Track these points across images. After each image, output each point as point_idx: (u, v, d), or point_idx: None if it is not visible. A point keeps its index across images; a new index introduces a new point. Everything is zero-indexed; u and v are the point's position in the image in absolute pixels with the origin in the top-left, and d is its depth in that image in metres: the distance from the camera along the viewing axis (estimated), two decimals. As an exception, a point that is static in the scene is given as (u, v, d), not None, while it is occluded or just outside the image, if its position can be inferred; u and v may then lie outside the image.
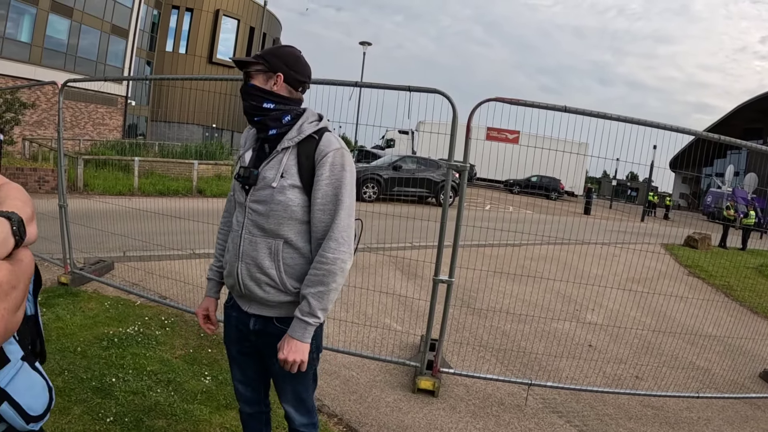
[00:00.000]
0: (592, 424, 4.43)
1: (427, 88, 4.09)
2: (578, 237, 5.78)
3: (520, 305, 6.58)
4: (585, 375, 5.31)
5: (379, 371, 4.76)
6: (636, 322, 7.22)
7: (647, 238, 9.24)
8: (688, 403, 5.11)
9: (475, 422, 4.14)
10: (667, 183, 58.76)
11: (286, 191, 2.15)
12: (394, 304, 6.43)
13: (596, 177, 47.98)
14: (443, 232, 4.40)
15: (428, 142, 17.21)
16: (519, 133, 22.16)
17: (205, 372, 4.17)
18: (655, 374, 5.62)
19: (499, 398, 4.62)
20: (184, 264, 6.92)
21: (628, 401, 4.94)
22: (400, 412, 4.10)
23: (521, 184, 20.89)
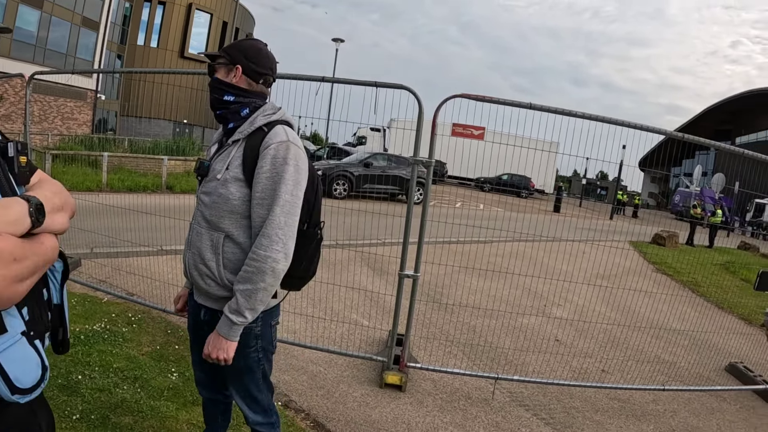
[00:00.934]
0: (559, 417, 4.48)
1: (393, 84, 4.10)
2: (548, 234, 5.85)
3: (488, 301, 6.63)
4: (552, 369, 5.37)
5: (347, 366, 4.75)
6: (602, 317, 7.31)
7: (616, 235, 9.35)
8: (654, 395, 5.21)
9: (443, 416, 4.15)
10: (636, 182, 59.79)
11: (228, 184, 2.11)
12: (362, 300, 6.43)
13: (566, 176, 48.62)
14: (408, 228, 4.42)
15: (400, 139, 17.26)
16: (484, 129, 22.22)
17: (171, 369, 4.12)
18: (621, 368, 5.71)
19: (467, 392, 4.64)
20: (152, 261, 6.84)
21: (595, 394, 5.02)
22: (368, 407, 4.10)
23: (492, 182, 21.00)
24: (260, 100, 2.24)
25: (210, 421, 2.80)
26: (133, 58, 43.75)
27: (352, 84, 4.18)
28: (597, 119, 4.47)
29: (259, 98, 2.24)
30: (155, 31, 45.97)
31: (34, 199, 1.19)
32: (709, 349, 6.58)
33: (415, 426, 3.95)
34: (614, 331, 6.73)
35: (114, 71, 37.02)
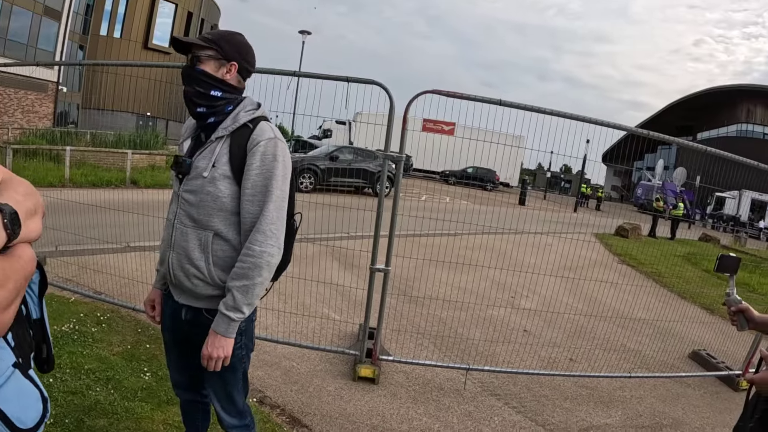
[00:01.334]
0: (530, 405, 4.60)
1: (365, 79, 4.12)
2: (513, 227, 5.94)
3: (457, 293, 6.72)
4: (521, 359, 5.47)
5: (320, 361, 4.78)
6: (569, 307, 7.47)
7: (580, 227, 9.55)
8: (621, 382, 5.38)
9: (416, 407, 4.22)
10: (599, 175, 60.91)
11: (216, 182, 2.10)
12: (332, 294, 6.45)
13: (531, 169, 49.21)
14: (380, 222, 4.45)
15: (365, 132, 17.27)
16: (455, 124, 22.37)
17: (144, 368, 4.07)
18: (588, 356, 5.86)
19: (439, 383, 4.71)
20: (119, 258, 6.72)
21: (563, 382, 5.15)
22: (342, 401, 4.14)
23: (457, 175, 21.15)
24: (241, 96, 2.23)
25: (189, 423, 2.76)
26: (95, 48, 42.61)
27: (324, 79, 4.18)
28: (564, 116, 4.58)
29: (240, 94, 2.23)
30: (119, 21, 44.84)
31: (7, 207, 1.05)
32: (673, 337, 6.77)
33: (389, 418, 4.00)
34: (581, 321, 6.89)
35: (78, 63, 35.99)
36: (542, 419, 4.38)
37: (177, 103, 1.96)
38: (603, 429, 4.43)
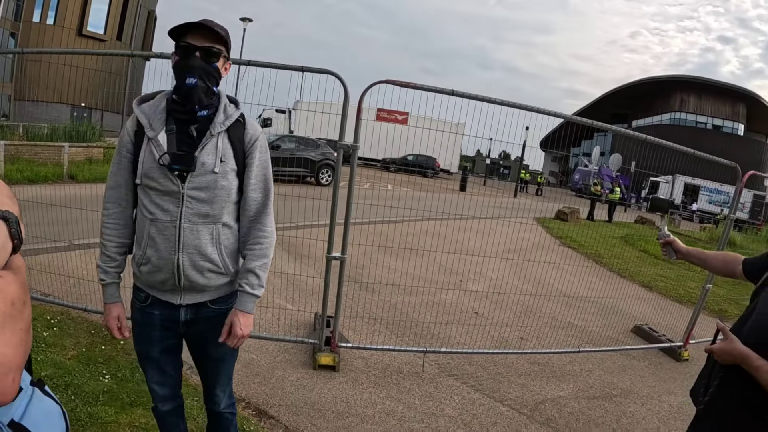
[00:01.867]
0: (486, 383, 4.79)
1: (320, 68, 4.14)
2: (456, 212, 6.08)
3: (407, 278, 6.83)
4: (474, 339, 5.66)
5: (279, 351, 4.80)
6: (516, 288, 7.70)
7: (521, 212, 9.82)
8: (570, 357, 5.66)
9: (378, 392, 4.32)
10: (538, 161, 62.30)
11: (227, 176, 2.16)
12: (284, 284, 6.45)
13: (470, 155, 49.92)
14: (335, 211, 4.50)
15: (305, 121, 17.08)
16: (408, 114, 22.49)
17: (102, 371, 3.98)
18: (538, 334, 6.12)
19: (398, 367, 4.83)
20: (63, 257, 6.52)
21: (516, 360, 5.37)
22: (305, 390, 4.19)
23: (398, 162, 21.29)
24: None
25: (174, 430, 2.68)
26: (28, 36, 40.57)
27: (277, 68, 4.17)
28: (509, 104, 4.76)
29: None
30: (52, 8, 42.58)
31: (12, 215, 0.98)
32: (616, 313, 7.10)
33: (353, 403, 4.09)
34: (528, 301, 7.15)
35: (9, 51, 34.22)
36: (499, 395, 4.57)
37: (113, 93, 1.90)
38: (557, 401, 4.66)
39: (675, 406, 4.92)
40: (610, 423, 4.44)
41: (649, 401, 4.99)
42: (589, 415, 4.50)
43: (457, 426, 4.00)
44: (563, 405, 4.61)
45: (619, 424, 4.45)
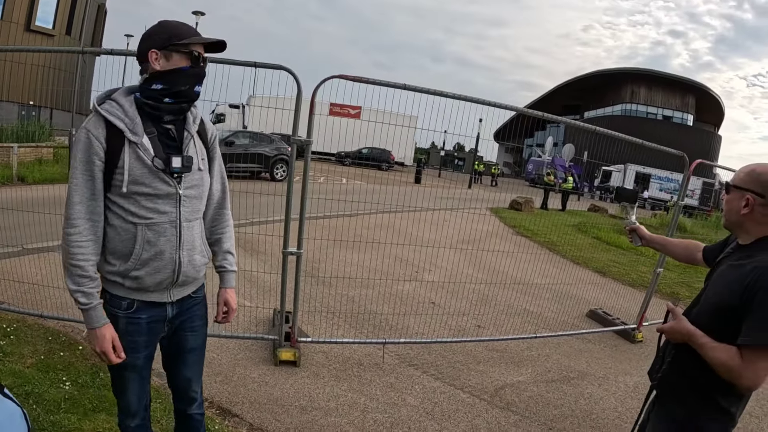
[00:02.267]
0: (446, 371, 4.87)
1: (273, 64, 4.13)
2: (411, 204, 6.16)
3: (363, 271, 6.87)
4: (432, 329, 5.75)
5: (239, 349, 4.79)
6: (471, 278, 7.85)
7: (475, 203, 9.93)
8: (527, 343, 5.80)
9: (340, 385, 4.35)
10: (492, 153, 63.08)
11: (206, 172, 2.31)
12: (241, 281, 6.36)
13: (425, 148, 50.28)
14: (290, 206, 4.51)
15: (259, 116, 16.89)
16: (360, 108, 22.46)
17: (62, 378, 3.88)
18: (495, 322, 6.24)
19: (358, 360, 4.87)
20: (15, 262, 6.34)
21: (475, 347, 5.49)
22: (268, 386, 4.19)
23: (352, 156, 21.31)
24: None
25: None
26: (-28, 30, 38.87)
27: (230, 64, 4.14)
28: (463, 98, 4.83)
29: None
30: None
31: None
32: (570, 299, 7.29)
33: (316, 397, 4.11)
34: (484, 289, 7.28)
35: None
36: (460, 383, 4.66)
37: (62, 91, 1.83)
38: (516, 386, 4.77)
39: (631, 386, 5.09)
40: (568, 405, 4.57)
41: (606, 382, 5.16)
42: (548, 398, 4.63)
43: (420, 414, 4.06)
44: (522, 389, 4.73)
45: (578, 405, 4.59)
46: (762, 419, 4.80)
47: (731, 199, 2.12)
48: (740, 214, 2.08)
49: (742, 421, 3.64)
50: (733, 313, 1.95)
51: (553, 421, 4.25)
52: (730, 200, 2.13)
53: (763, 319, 1.86)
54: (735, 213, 2.11)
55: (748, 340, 1.87)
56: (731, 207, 2.12)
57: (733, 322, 1.95)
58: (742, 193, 2.07)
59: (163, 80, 2.08)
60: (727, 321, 1.97)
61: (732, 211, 2.12)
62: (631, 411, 4.53)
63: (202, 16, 35.39)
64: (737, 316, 1.94)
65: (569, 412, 4.45)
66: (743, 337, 1.89)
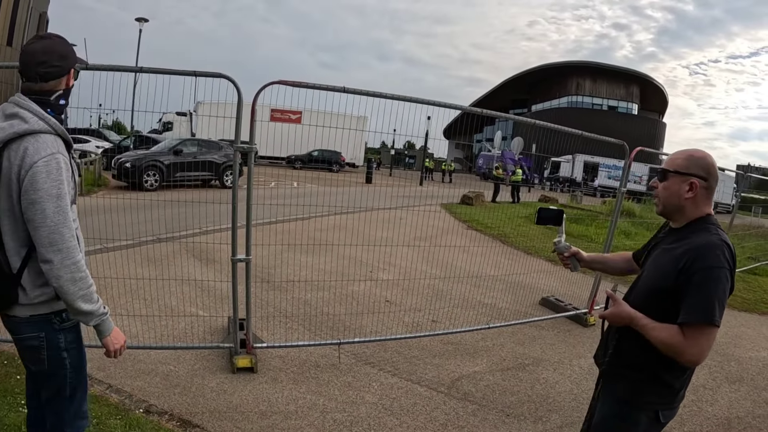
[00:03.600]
0: (403, 366, 4.97)
1: (212, 72, 4.12)
2: (363, 204, 6.20)
3: (317, 274, 6.90)
4: (387, 327, 5.84)
5: (196, 359, 4.76)
6: (425, 274, 7.96)
7: (427, 200, 10.02)
8: (482, 334, 5.95)
9: (298, 387, 4.39)
10: (442, 149, 63.66)
11: None
12: (195, 291, 6.37)
13: (375, 147, 50.43)
14: (236, 213, 4.51)
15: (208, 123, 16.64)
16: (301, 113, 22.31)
17: (20, 401, 3.71)
18: (449, 315, 6.37)
19: (314, 361, 4.91)
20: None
21: (430, 342, 5.58)
22: (226, 394, 4.19)
23: (303, 159, 21.23)
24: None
25: None
26: None
27: (170, 74, 4.13)
28: (406, 99, 4.94)
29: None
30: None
31: None
32: (523, 288, 7.45)
33: (275, 402, 4.14)
34: (438, 285, 7.39)
35: None
36: (416, 377, 4.76)
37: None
38: (473, 376, 4.90)
39: (585, 368, 5.27)
40: (525, 391, 4.72)
41: (561, 366, 5.34)
42: (504, 386, 4.76)
43: (379, 411, 4.13)
44: (479, 379, 4.85)
45: (534, 390, 4.74)
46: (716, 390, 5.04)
47: (670, 185, 2.19)
48: (683, 198, 2.16)
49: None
50: (667, 294, 2.08)
51: (510, 407, 4.38)
52: (668, 186, 2.19)
53: (703, 298, 1.97)
54: (676, 197, 2.17)
55: (689, 318, 1.98)
56: (671, 192, 2.18)
57: (667, 303, 2.07)
58: (684, 177, 2.15)
59: (65, 97, 2.19)
60: (660, 302, 2.10)
61: (673, 196, 2.18)
62: (586, 392, 4.67)
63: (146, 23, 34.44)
64: (671, 298, 2.06)
65: (526, 397, 4.59)
66: (685, 315, 2.00)
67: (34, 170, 1.96)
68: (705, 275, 1.98)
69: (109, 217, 5.01)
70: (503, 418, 4.22)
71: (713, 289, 1.97)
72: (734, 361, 5.88)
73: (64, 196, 2.03)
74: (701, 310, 1.96)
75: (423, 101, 5.05)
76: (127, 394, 4.01)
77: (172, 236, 7.99)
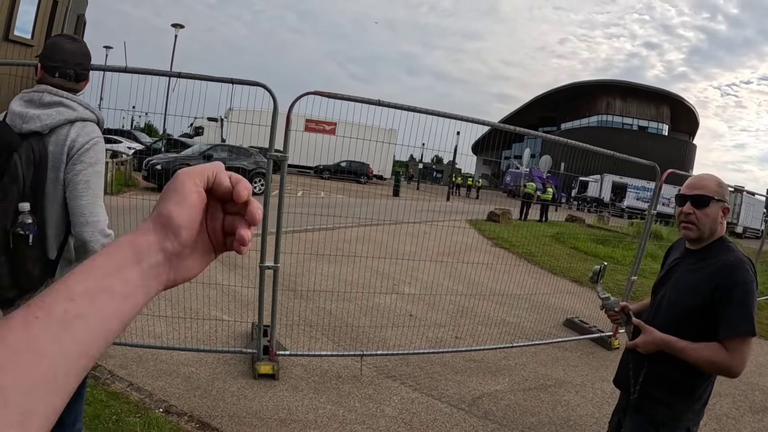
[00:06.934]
0: (424, 382, 4.91)
1: (249, 81, 4.18)
2: (389, 217, 6.19)
3: (342, 285, 6.89)
4: (410, 341, 5.78)
5: (218, 363, 4.77)
6: (449, 290, 7.93)
7: (454, 215, 9.97)
8: (504, 353, 5.87)
9: (319, 397, 4.36)
10: (470, 165, 63.58)
11: None
12: (220, 295, 6.39)
13: (404, 161, 50.57)
14: (266, 220, 4.53)
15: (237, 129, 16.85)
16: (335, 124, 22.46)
17: None
18: (472, 333, 6.31)
19: (336, 372, 4.89)
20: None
21: (452, 358, 5.53)
22: (247, 399, 4.19)
23: (331, 169, 21.30)
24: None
25: None
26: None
27: (208, 80, 4.18)
28: (438, 114, 4.95)
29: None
30: (-25, 10, 40.23)
31: None
32: (548, 308, 7.37)
33: (295, 410, 4.12)
34: (462, 301, 7.35)
35: None
36: (437, 393, 4.71)
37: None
38: (494, 395, 4.83)
39: (608, 393, 5.16)
40: (546, 412, 4.64)
41: (583, 389, 5.24)
42: (525, 406, 4.69)
43: (398, 425, 4.09)
44: (500, 398, 4.79)
45: (555, 412, 4.66)
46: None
47: (711, 212, 2.19)
48: (717, 223, 2.20)
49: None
50: (702, 313, 2.10)
51: (531, 428, 4.31)
52: (710, 213, 2.19)
53: (743, 311, 2.02)
54: (713, 223, 2.20)
55: (732, 332, 2.02)
56: (712, 218, 2.19)
57: (702, 322, 2.10)
58: (721, 204, 2.19)
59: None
60: (694, 321, 2.12)
61: (713, 222, 2.20)
62: (607, 416, 4.52)
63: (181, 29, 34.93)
64: (707, 316, 2.09)
65: (547, 419, 4.51)
66: (727, 330, 2.03)
67: (86, 147, 2.11)
68: (743, 290, 2.04)
69: (138, 217, 5.08)
70: (524, 439, 4.16)
71: (751, 303, 2.04)
72: (758, 391, 5.74)
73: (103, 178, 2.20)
74: (744, 322, 2.02)
75: (454, 116, 5.05)
76: (147, 393, 4.04)
77: (197, 240, 8.01)
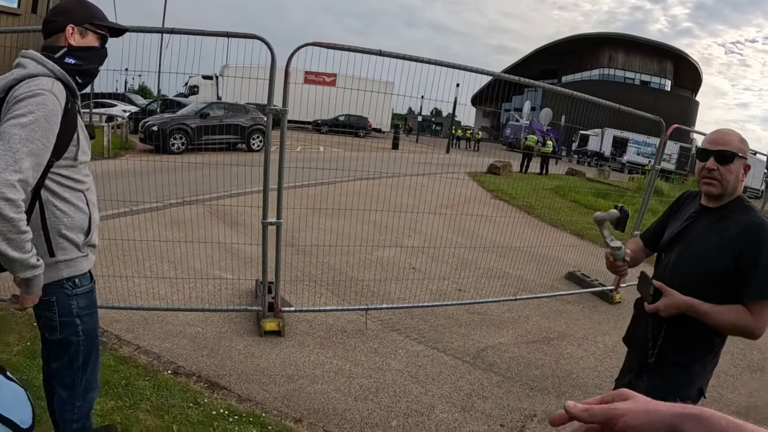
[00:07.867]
0: (429, 334, 4.96)
1: (246, 33, 4.05)
2: (389, 171, 6.13)
3: (343, 239, 6.86)
4: (413, 294, 5.83)
5: (223, 322, 4.80)
6: (451, 242, 7.95)
7: (453, 168, 9.90)
8: (508, 306, 5.93)
9: (325, 352, 4.41)
10: (469, 117, 63.03)
11: None
12: (221, 254, 6.41)
13: (402, 113, 50.06)
14: (267, 176, 4.47)
15: (233, 86, 16.55)
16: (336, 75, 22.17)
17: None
18: (475, 285, 6.34)
19: (341, 327, 4.93)
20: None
21: (456, 311, 5.57)
22: (254, 357, 4.22)
23: (329, 123, 21.12)
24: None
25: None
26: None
27: (202, 35, 4.06)
28: (439, 63, 4.80)
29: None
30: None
31: None
32: (549, 261, 7.40)
33: (302, 366, 4.16)
34: (464, 253, 7.37)
35: None
36: (442, 346, 4.75)
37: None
38: (498, 348, 4.88)
39: (609, 346, 5.22)
40: (549, 365, 4.69)
41: (585, 342, 5.29)
42: (529, 359, 4.74)
43: (404, 378, 4.13)
44: (504, 351, 4.83)
45: (558, 365, 4.71)
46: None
47: (734, 169, 2.12)
48: (739, 181, 2.14)
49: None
50: (726, 277, 2.06)
51: (534, 380, 4.36)
52: (733, 169, 2.12)
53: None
54: (737, 180, 2.14)
55: (759, 296, 2.01)
56: (734, 175, 2.12)
57: (728, 285, 2.06)
58: (743, 161, 2.12)
59: (76, 56, 2.08)
60: (719, 285, 2.08)
61: (736, 179, 2.13)
62: (609, 370, 4.65)
63: (170, -11, 33.96)
64: (732, 280, 2.05)
65: (550, 372, 4.56)
66: (755, 293, 2.01)
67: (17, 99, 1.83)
68: None
69: (136, 180, 5.04)
70: (527, 391, 4.20)
71: None
72: (756, 350, 5.77)
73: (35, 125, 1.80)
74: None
75: (456, 66, 4.92)
76: (155, 355, 4.06)
77: (198, 199, 8.02)
